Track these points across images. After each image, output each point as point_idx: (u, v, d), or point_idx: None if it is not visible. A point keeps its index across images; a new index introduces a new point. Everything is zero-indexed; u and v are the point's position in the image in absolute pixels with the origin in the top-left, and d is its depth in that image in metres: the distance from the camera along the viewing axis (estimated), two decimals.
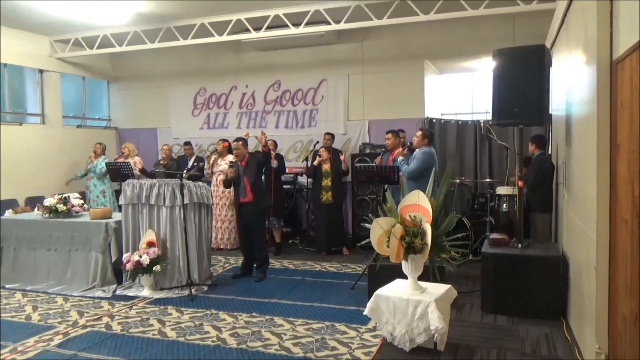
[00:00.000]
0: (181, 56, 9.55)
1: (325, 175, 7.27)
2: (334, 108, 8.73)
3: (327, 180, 7.25)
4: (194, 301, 5.19)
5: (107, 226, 5.64)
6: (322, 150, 7.34)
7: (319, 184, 7.29)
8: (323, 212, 7.29)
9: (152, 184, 5.63)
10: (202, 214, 5.70)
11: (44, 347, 4.06)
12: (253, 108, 9.27)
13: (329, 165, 7.31)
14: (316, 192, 7.34)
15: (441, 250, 3.83)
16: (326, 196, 7.25)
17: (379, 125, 8.34)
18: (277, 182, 7.35)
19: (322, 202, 7.26)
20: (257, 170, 5.99)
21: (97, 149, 8.35)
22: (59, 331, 4.39)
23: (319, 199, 7.29)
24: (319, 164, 7.28)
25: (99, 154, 8.33)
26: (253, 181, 5.93)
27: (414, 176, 5.59)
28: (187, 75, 9.71)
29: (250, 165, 5.98)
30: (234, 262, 6.91)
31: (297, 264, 6.83)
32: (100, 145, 8.40)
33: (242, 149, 6.03)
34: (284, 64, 9.02)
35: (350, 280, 5.81)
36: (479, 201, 6.91)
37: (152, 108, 10.02)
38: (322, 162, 7.29)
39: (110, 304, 5.17)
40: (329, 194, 7.24)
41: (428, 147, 5.77)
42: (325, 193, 7.25)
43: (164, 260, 5.45)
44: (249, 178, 5.93)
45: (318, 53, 8.78)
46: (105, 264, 5.64)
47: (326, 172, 7.27)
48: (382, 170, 5.67)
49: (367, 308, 3.94)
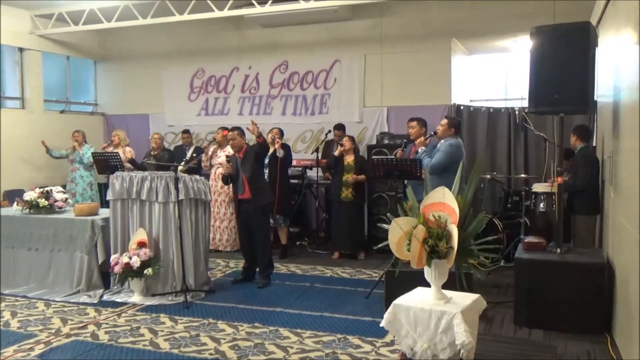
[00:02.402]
0: (177, 33, 9.58)
1: (347, 170, 7.24)
2: (348, 93, 8.71)
3: (349, 174, 7.21)
4: (189, 309, 5.22)
5: (93, 224, 5.69)
6: (345, 140, 7.31)
7: (339, 178, 7.26)
8: (342, 210, 7.27)
9: (143, 177, 5.65)
10: (200, 212, 5.72)
11: (24, 357, 4.10)
12: (257, 92, 9.29)
13: (352, 158, 7.29)
14: (336, 188, 7.31)
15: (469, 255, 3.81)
16: (346, 193, 7.24)
17: (399, 112, 8.31)
18: (283, 175, 7.34)
19: (341, 199, 7.25)
20: (255, 162, 6.00)
21: (77, 137, 8.40)
22: (41, 340, 4.44)
23: (338, 195, 7.27)
24: (340, 154, 7.26)
25: (81, 142, 8.38)
26: (250, 174, 5.94)
27: (438, 171, 5.56)
28: (183, 55, 9.74)
29: (248, 157, 5.99)
30: (235, 265, 6.94)
31: (306, 268, 6.84)
32: (79, 132, 8.44)
33: (239, 139, 6.04)
34: (292, 43, 9.00)
35: (365, 288, 5.81)
36: (513, 200, 6.87)
37: (143, 92, 10.08)
38: (344, 153, 7.27)
39: (97, 310, 5.21)
40: (350, 190, 7.23)
41: (454, 138, 5.72)
42: (345, 189, 7.23)
43: (156, 262, 5.49)
44: (246, 171, 5.94)
45: (331, 30, 8.75)
46: (91, 266, 5.68)
47: (348, 166, 7.25)
48: (402, 163, 5.65)
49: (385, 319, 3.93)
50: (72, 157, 8.41)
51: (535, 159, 7.66)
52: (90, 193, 8.34)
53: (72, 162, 8.43)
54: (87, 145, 8.44)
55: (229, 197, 7.54)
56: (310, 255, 7.63)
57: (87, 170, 8.31)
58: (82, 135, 8.45)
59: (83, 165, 8.30)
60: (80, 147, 8.35)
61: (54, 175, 8.80)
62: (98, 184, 8.57)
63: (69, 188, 8.23)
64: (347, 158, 7.28)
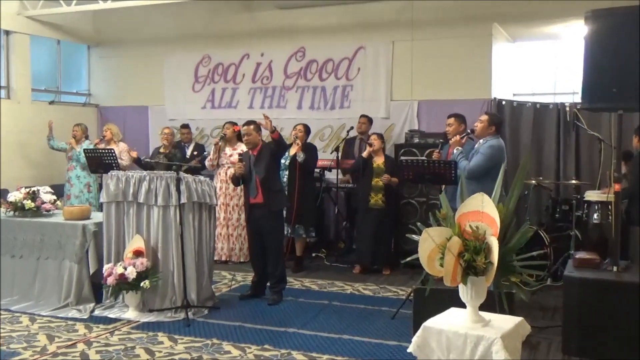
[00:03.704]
0: (180, 16, 9.63)
1: (377, 172, 7.22)
2: (373, 84, 8.71)
3: (378, 178, 7.20)
4: (190, 327, 5.25)
5: (84, 229, 5.74)
6: (374, 138, 7.29)
7: (367, 182, 7.26)
8: (369, 219, 7.26)
9: (141, 176, 5.70)
10: (204, 217, 5.76)
11: None
12: (270, 83, 9.33)
13: (382, 160, 7.29)
14: (364, 193, 7.31)
15: (510, 271, 3.78)
16: (376, 199, 7.23)
17: (431, 107, 8.30)
18: (303, 182, 7.29)
19: (370, 205, 7.25)
20: (270, 162, 6.01)
21: (76, 132, 8.46)
22: (24, 359, 4.49)
23: (366, 201, 7.27)
24: (369, 155, 7.26)
25: (80, 138, 8.45)
26: (264, 176, 5.95)
27: (476, 175, 5.52)
28: (187, 40, 9.81)
29: (263, 155, 6.00)
30: (242, 279, 6.98)
31: (323, 283, 6.85)
32: (80, 126, 8.51)
33: (255, 135, 6.05)
34: (310, 27, 9.03)
35: (390, 307, 5.81)
36: (561, 209, 6.80)
37: (142, 81, 10.17)
38: (373, 154, 7.27)
39: (87, 327, 5.26)
40: (379, 196, 7.22)
41: (495, 138, 5.68)
42: (375, 195, 7.23)
43: (154, 274, 5.53)
44: (260, 172, 5.96)
45: (354, 13, 8.76)
46: (82, 276, 5.74)
47: (378, 169, 7.23)
48: (435, 165, 5.63)
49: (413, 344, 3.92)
50: (70, 154, 8.45)
51: (588, 162, 7.58)
52: (87, 196, 8.36)
53: (69, 159, 8.48)
54: (87, 141, 8.49)
55: (235, 201, 7.57)
56: (328, 268, 7.64)
57: (85, 170, 8.32)
58: (83, 130, 8.49)
59: (80, 165, 8.32)
60: (77, 144, 8.38)
61: (42, 175, 8.87)
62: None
63: (64, 190, 8.28)
64: (377, 159, 7.27)
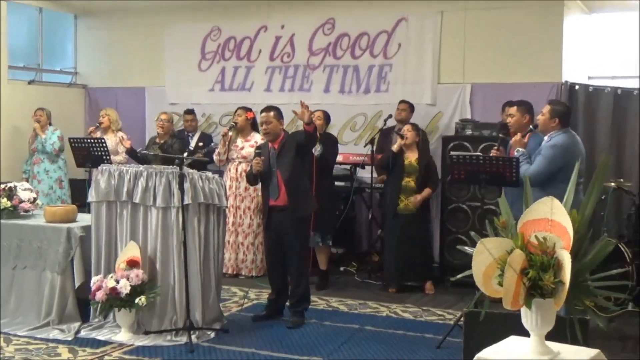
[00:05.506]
0: None
1: (408, 171, 7.23)
2: (416, 64, 8.68)
3: (410, 178, 7.22)
4: (194, 353, 5.27)
5: (69, 233, 5.79)
6: (406, 130, 7.29)
7: (397, 181, 7.27)
8: (397, 226, 7.29)
9: (137, 172, 5.73)
10: (212, 222, 5.80)
11: None
12: (291, 61, 9.34)
13: (415, 156, 7.28)
14: (393, 195, 7.32)
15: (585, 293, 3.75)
16: (405, 202, 7.24)
17: (487, 92, 8.26)
18: (320, 179, 7.29)
19: (399, 210, 7.26)
20: (296, 157, 6.02)
21: (39, 116, 8.55)
22: None
23: (394, 205, 7.28)
24: (399, 149, 7.26)
25: (45, 124, 8.56)
26: (290, 174, 5.97)
27: (539, 180, 5.43)
28: (193, 8, 9.82)
29: (287, 149, 6.02)
30: (256, 297, 7.00)
31: (353, 304, 6.86)
32: (44, 111, 8.62)
33: (275, 124, 6.06)
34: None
35: (435, 334, 5.79)
36: None
37: (138, 58, 10.24)
38: (405, 148, 7.27)
39: (72, 350, 5.31)
40: (411, 199, 7.23)
41: (563, 133, 5.58)
42: (405, 198, 7.24)
43: (151, 289, 5.57)
44: (284, 170, 5.97)
45: None
46: (66, 290, 5.79)
47: (410, 166, 7.24)
48: (492, 163, 5.59)
49: None
50: (34, 145, 8.55)
51: None
52: (59, 192, 8.47)
53: (33, 152, 8.59)
54: (51, 127, 8.58)
55: (256, 204, 7.61)
56: (359, 286, 7.65)
57: (54, 163, 8.44)
58: (47, 115, 8.60)
59: (47, 155, 8.45)
60: (42, 131, 8.48)
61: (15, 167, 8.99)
62: (70, 180, 8.66)
63: None
64: (409, 155, 7.27)
